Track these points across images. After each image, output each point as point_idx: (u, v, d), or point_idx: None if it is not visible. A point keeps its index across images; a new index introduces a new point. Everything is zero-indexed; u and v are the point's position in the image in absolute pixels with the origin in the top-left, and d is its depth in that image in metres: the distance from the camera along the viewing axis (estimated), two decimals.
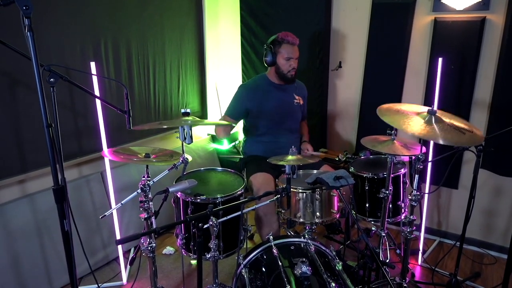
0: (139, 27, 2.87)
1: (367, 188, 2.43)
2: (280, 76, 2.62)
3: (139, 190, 1.72)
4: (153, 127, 1.80)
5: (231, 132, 2.83)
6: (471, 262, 2.79)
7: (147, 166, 1.90)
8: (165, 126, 1.83)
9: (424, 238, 2.87)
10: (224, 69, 3.84)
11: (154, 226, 1.89)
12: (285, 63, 2.57)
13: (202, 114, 3.64)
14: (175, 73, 3.26)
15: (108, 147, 2.39)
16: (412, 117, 1.78)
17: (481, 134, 1.76)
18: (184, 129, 1.78)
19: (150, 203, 1.78)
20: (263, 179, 2.41)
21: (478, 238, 2.93)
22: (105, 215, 1.68)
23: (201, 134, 3.80)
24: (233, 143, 3.79)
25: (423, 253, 2.84)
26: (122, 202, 1.71)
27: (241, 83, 3.66)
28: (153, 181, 1.75)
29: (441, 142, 1.61)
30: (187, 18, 3.30)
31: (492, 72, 2.66)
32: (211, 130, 3.79)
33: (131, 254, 2.78)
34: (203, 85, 3.60)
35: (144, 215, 1.76)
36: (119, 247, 2.54)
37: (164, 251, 2.90)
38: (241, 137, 3.68)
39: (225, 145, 3.74)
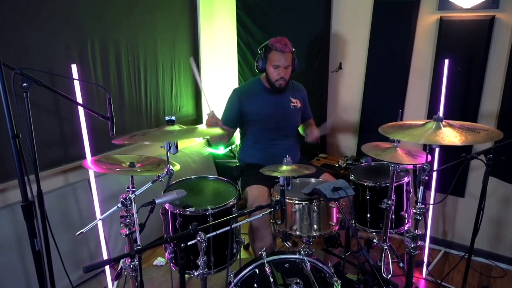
0: (129, 27, 2.74)
1: (368, 197, 2.29)
2: (269, 84, 2.48)
3: (119, 204, 1.58)
4: (133, 141, 1.66)
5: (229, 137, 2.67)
6: (478, 275, 2.65)
7: (132, 176, 1.77)
8: (147, 143, 1.68)
9: (429, 249, 2.72)
10: (220, 70, 3.70)
11: (138, 241, 1.76)
12: (273, 71, 2.42)
13: (197, 117, 3.51)
14: (168, 75, 3.13)
15: (93, 154, 2.27)
16: (418, 128, 1.68)
17: (497, 131, 1.63)
18: None
19: (132, 217, 1.64)
20: (258, 192, 2.27)
21: (486, 249, 2.79)
22: (82, 231, 1.55)
23: (196, 137, 3.66)
24: (230, 148, 3.66)
25: (428, 265, 2.69)
26: (100, 217, 1.57)
27: (237, 85, 3.54)
28: (135, 195, 1.61)
29: (458, 144, 1.52)
30: (181, 17, 3.17)
31: (502, 74, 2.51)
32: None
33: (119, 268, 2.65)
34: (198, 87, 3.46)
35: (126, 231, 1.62)
36: (105, 256, 2.40)
37: (155, 262, 2.77)
38: (237, 141, 3.55)
39: (221, 150, 3.60)
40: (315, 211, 2.00)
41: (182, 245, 1.33)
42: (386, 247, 2.22)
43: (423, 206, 1.80)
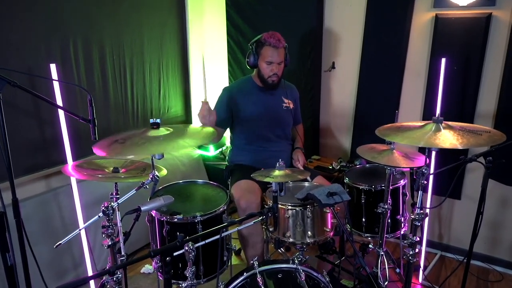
0: (114, 25, 2.63)
1: (363, 201, 2.21)
2: (261, 80, 2.39)
3: (100, 214, 1.48)
4: (112, 154, 1.55)
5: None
6: (475, 279, 2.59)
7: (115, 182, 1.67)
8: (131, 156, 1.58)
9: (425, 252, 2.65)
10: (210, 69, 3.60)
11: (122, 252, 1.66)
12: (266, 67, 2.33)
13: (186, 118, 3.40)
14: (156, 74, 3.02)
15: (76, 158, 2.16)
16: (416, 130, 1.60)
17: (500, 133, 1.55)
18: None
19: (115, 227, 1.54)
20: (245, 187, 2.18)
21: (483, 252, 2.73)
22: (60, 243, 1.44)
23: (186, 145, 3.55)
24: (220, 149, 3.56)
25: (424, 269, 2.63)
26: (80, 228, 1.47)
27: (227, 84, 3.43)
28: (118, 203, 1.51)
29: (459, 147, 1.46)
30: (168, 15, 3.06)
31: (499, 73, 2.45)
32: None
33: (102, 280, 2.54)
34: (187, 87, 3.36)
35: (108, 241, 1.52)
36: (89, 267, 2.29)
37: (143, 270, 2.66)
38: (228, 142, 3.45)
39: (211, 152, 3.50)
40: (309, 217, 1.91)
41: (167, 259, 1.23)
42: (383, 253, 2.15)
43: (422, 211, 1.73)
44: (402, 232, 2.24)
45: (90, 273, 2.30)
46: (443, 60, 2.35)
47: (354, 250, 1.78)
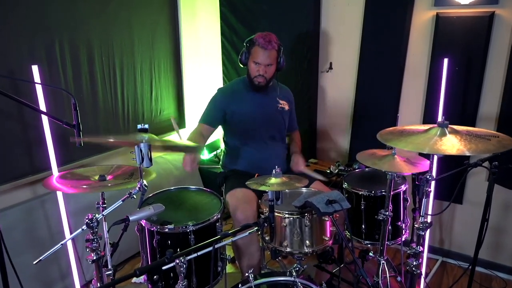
0: (102, 25, 2.53)
1: (363, 207, 2.13)
2: (249, 80, 2.31)
3: (84, 227, 1.38)
4: (93, 140, 1.46)
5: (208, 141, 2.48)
6: (478, 286, 2.51)
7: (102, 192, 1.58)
8: (112, 140, 1.50)
9: (426, 258, 2.57)
10: (203, 70, 3.50)
11: (109, 265, 1.56)
12: (253, 67, 2.25)
13: (180, 121, 3.30)
14: (147, 76, 2.92)
15: (62, 164, 2.07)
16: (420, 135, 1.51)
17: (510, 138, 1.47)
18: (140, 150, 1.44)
19: (100, 240, 1.44)
20: (241, 196, 2.08)
21: (486, 258, 2.65)
22: (40, 259, 1.34)
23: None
24: (214, 152, 3.47)
25: (426, 276, 2.54)
26: (62, 242, 1.37)
27: (221, 86, 3.35)
28: (103, 215, 1.41)
29: (467, 154, 1.39)
30: (159, 14, 2.96)
31: (502, 74, 2.38)
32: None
33: None
34: (180, 88, 3.26)
35: (92, 256, 1.42)
36: (76, 279, 2.19)
37: (134, 279, 2.55)
38: (222, 145, 3.36)
39: (205, 155, 3.40)
40: (307, 226, 1.82)
41: (155, 277, 1.13)
42: (383, 261, 2.06)
43: (425, 220, 1.65)
44: (403, 239, 2.16)
45: (77, 284, 2.20)
46: (446, 60, 2.27)
47: (355, 260, 1.70)
